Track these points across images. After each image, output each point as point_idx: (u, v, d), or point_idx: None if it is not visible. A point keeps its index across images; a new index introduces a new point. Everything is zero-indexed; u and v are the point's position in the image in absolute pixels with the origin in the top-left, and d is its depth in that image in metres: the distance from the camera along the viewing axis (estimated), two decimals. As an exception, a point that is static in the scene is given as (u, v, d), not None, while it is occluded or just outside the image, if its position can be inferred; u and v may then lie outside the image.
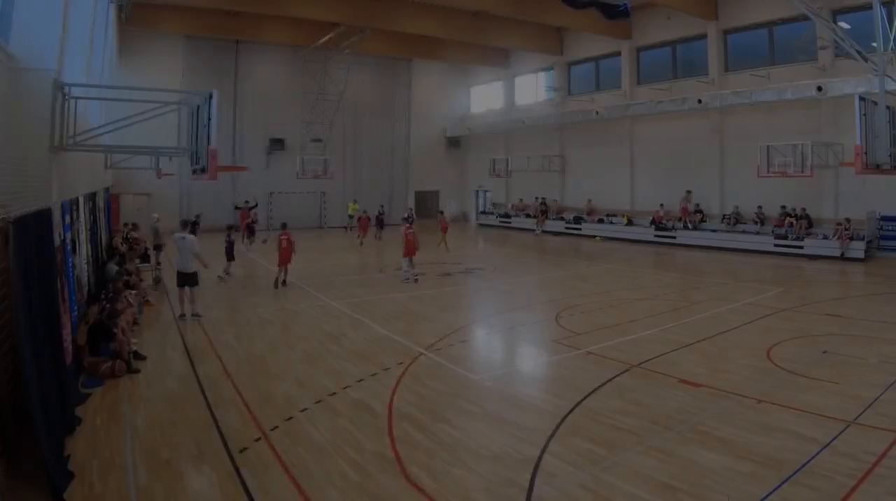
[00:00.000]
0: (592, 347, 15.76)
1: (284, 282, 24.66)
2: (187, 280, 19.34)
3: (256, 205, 36.45)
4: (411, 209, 41.50)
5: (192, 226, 21.04)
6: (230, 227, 29.08)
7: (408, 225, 26.86)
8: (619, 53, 45.93)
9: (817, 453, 9.34)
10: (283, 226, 26.01)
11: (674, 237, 38.96)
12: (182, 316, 19.21)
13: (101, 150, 18.23)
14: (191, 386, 13.13)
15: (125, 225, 31.73)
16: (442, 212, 40.67)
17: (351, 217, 47.44)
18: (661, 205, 39.28)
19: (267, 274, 26.79)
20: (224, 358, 15.15)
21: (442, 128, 61.80)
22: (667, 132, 42.89)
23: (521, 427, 10.74)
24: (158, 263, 26.30)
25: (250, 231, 36.32)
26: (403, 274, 25.68)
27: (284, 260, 24.59)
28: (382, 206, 46.90)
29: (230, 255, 26.68)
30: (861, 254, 30.80)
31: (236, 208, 39.97)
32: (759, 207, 36.38)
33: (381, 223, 42.36)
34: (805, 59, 33.75)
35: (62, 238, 12.91)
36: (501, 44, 50.12)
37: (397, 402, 11.99)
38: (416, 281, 25.24)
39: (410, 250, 25.41)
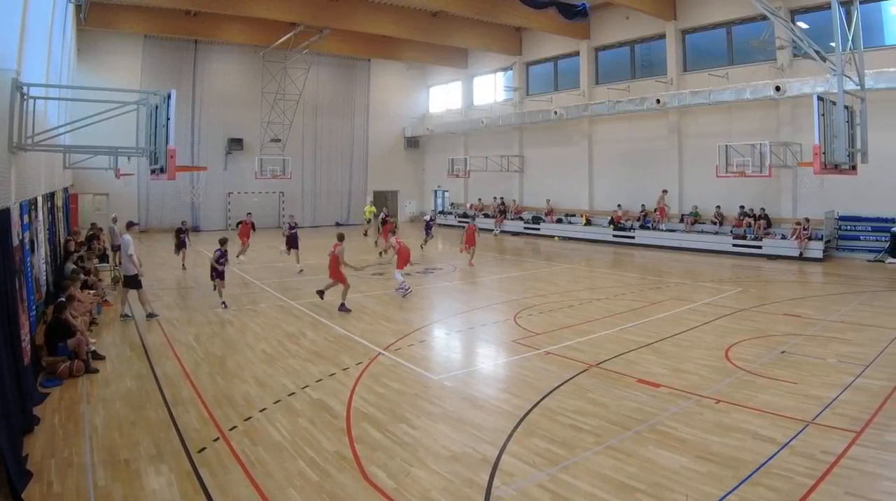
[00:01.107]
0: (551, 347, 15.81)
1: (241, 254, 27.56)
2: (128, 282, 19.37)
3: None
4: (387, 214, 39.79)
5: (128, 226, 20.90)
6: (179, 232, 29.68)
7: (396, 235, 25.43)
8: (577, 53, 46.11)
9: (776, 453, 9.41)
10: (248, 214, 30.92)
11: (632, 237, 39.18)
12: (124, 316, 19.17)
13: (60, 150, 18.02)
14: (149, 385, 13.08)
15: (93, 225, 31.42)
16: (473, 219, 38.54)
17: (369, 221, 46.59)
18: (619, 205, 39.30)
19: (228, 273, 26.52)
20: (183, 358, 15.13)
21: (401, 127, 62.30)
22: (625, 132, 43.19)
23: (479, 427, 10.78)
24: (119, 263, 26.16)
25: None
26: (401, 286, 23.32)
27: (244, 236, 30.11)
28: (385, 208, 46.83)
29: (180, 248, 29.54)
30: (820, 254, 31.14)
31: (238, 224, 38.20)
32: (718, 207, 36.65)
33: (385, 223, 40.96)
34: (763, 59, 34.03)
35: (20, 238, 12.79)
36: (460, 44, 50.18)
37: (356, 402, 12.02)
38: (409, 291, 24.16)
39: (404, 261, 24.06)
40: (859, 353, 14.72)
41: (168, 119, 14.34)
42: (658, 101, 37.53)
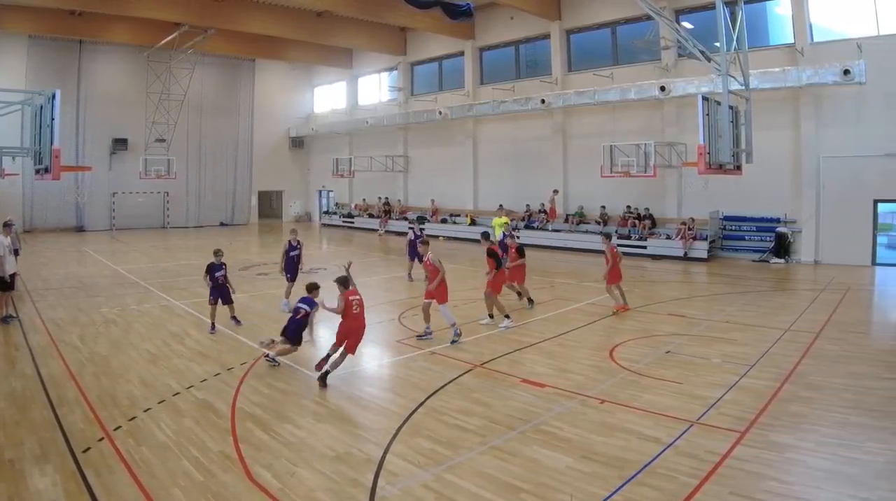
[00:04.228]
0: (436, 347, 15.85)
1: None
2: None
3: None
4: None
5: (4, 226, 20.23)
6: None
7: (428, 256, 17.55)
8: (462, 53, 46.55)
9: (660, 453, 9.51)
10: None
11: (517, 237, 39.16)
12: (7, 317, 18.70)
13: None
14: (34, 386, 12.93)
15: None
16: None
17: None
18: (501, 205, 39.38)
19: (114, 273, 27.94)
20: (68, 358, 14.95)
21: (286, 128, 62.57)
22: (510, 132, 43.68)
23: (364, 428, 10.95)
24: None
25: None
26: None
27: None
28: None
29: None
30: (704, 254, 31.95)
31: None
32: (603, 207, 37.28)
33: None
34: (648, 59, 34.76)
35: None
36: (345, 44, 50.65)
37: (241, 402, 12.05)
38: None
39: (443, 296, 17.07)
40: (744, 353, 15.04)
41: (53, 119, 14.35)
42: (543, 102, 38.07)
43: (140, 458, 9.45)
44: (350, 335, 13.60)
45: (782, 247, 30.63)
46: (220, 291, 17.80)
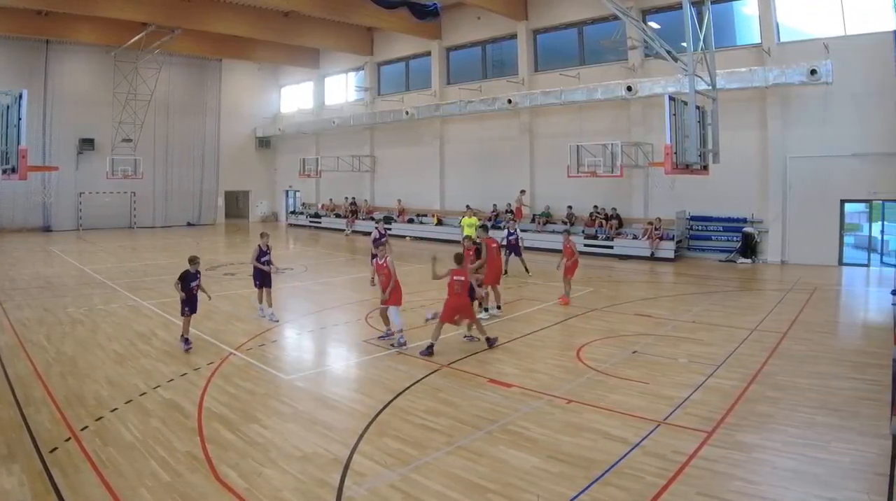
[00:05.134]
0: (403, 347, 15.76)
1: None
2: None
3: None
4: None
5: None
6: None
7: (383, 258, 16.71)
8: (429, 53, 46.59)
9: (627, 453, 9.54)
10: None
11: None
12: None
13: None
14: (0, 385, 12.91)
15: None
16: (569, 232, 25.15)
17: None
18: (468, 206, 39.28)
19: (81, 273, 28.41)
20: (34, 358, 14.95)
21: (252, 128, 62.56)
22: (477, 132, 43.77)
23: (331, 428, 10.90)
24: None
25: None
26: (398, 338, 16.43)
27: None
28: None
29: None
30: (671, 254, 32.12)
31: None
32: (570, 207, 37.34)
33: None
34: (615, 59, 34.97)
35: None
36: (312, 44, 50.72)
37: (208, 402, 12.05)
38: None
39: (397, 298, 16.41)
40: (710, 353, 15.12)
41: (20, 119, 14.32)
42: (510, 102, 38.23)
43: (107, 458, 9.44)
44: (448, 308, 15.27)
45: (749, 247, 30.85)
46: (192, 302, 16.52)
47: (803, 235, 29.82)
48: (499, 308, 20.13)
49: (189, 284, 16.28)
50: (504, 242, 26.19)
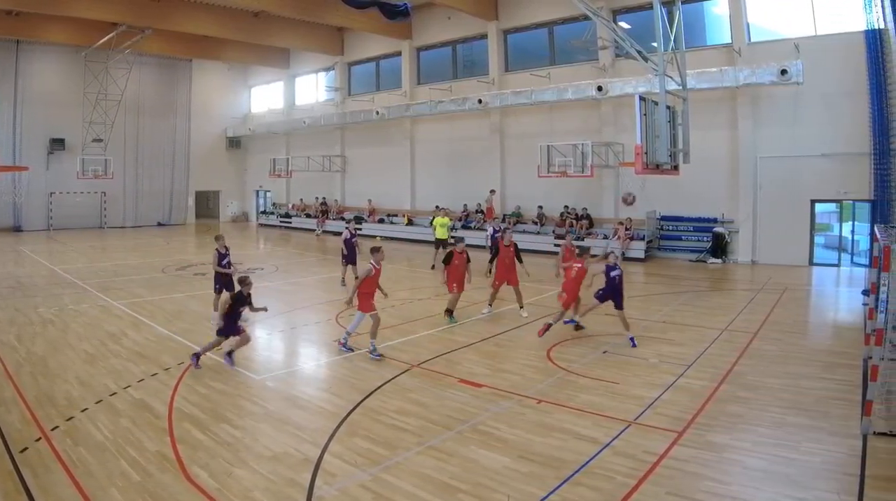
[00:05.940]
0: (343, 347, 15.75)
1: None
2: None
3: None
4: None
5: None
6: None
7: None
8: (399, 53, 46.65)
9: (597, 453, 9.57)
10: None
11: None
12: None
13: None
14: None
15: None
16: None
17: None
18: (437, 206, 39.10)
19: (51, 273, 28.39)
20: (5, 358, 14.90)
21: (223, 128, 62.44)
22: (448, 132, 43.87)
23: (302, 428, 10.92)
24: None
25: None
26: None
27: None
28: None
29: None
30: (642, 255, 32.26)
31: None
32: (540, 207, 37.44)
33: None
34: (586, 59, 35.11)
35: None
36: (282, 44, 50.61)
37: (178, 402, 12.05)
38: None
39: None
40: (681, 353, 15.21)
41: None
42: (480, 102, 38.31)
43: (77, 458, 9.43)
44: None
45: (719, 247, 31.01)
46: (226, 281, 18.15)
47: (774, 235, 30.04)
48: (521, 307, 20.34)
49: (222, 261, 18.35)
50: (489, 241, 26.45)
